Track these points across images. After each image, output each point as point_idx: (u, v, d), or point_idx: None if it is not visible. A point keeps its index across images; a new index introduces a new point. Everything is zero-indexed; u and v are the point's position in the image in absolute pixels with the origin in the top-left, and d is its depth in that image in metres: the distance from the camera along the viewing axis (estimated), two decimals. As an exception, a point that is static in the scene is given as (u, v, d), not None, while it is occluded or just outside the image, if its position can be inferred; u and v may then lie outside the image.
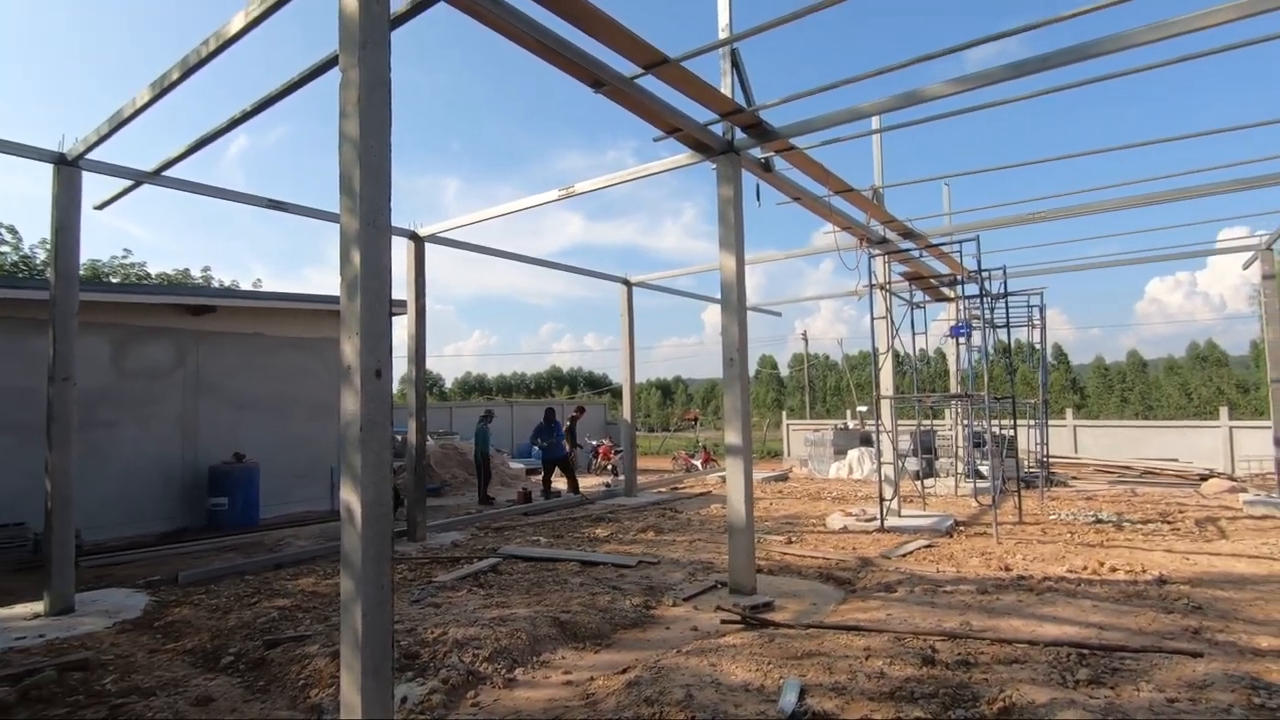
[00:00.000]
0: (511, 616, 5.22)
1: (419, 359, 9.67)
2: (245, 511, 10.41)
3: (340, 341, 3.28)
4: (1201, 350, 43.27)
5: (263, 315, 11.65)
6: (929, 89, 5.52)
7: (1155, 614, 5.19)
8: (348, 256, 3.23)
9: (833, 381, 52.19)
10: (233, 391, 11.14)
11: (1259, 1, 4.37)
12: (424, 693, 4.05)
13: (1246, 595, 5.73)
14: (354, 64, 3.29)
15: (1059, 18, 4.87)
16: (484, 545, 8.79)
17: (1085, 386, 46.91)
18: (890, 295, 10.54)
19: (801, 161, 7.33)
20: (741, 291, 6.43)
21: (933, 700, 3.69)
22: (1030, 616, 5.23)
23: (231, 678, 4.54)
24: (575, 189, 7.81)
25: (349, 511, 3.17)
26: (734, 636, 4.91)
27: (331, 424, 12.36)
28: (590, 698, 3.95)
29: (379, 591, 3.16)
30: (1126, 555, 7.30)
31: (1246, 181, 8.40)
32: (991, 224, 10.38)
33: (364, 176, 3.24)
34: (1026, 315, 12.58)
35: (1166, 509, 10.58)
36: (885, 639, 4.71)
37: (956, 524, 9.54)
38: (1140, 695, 3.63)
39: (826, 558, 7.58)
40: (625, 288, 13.76)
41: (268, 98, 5.55)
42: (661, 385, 71.47)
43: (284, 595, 6.46)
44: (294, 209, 8.15)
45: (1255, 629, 4.82)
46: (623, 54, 5.12)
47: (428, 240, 9.68)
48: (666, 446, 33.53)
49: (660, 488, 15.44)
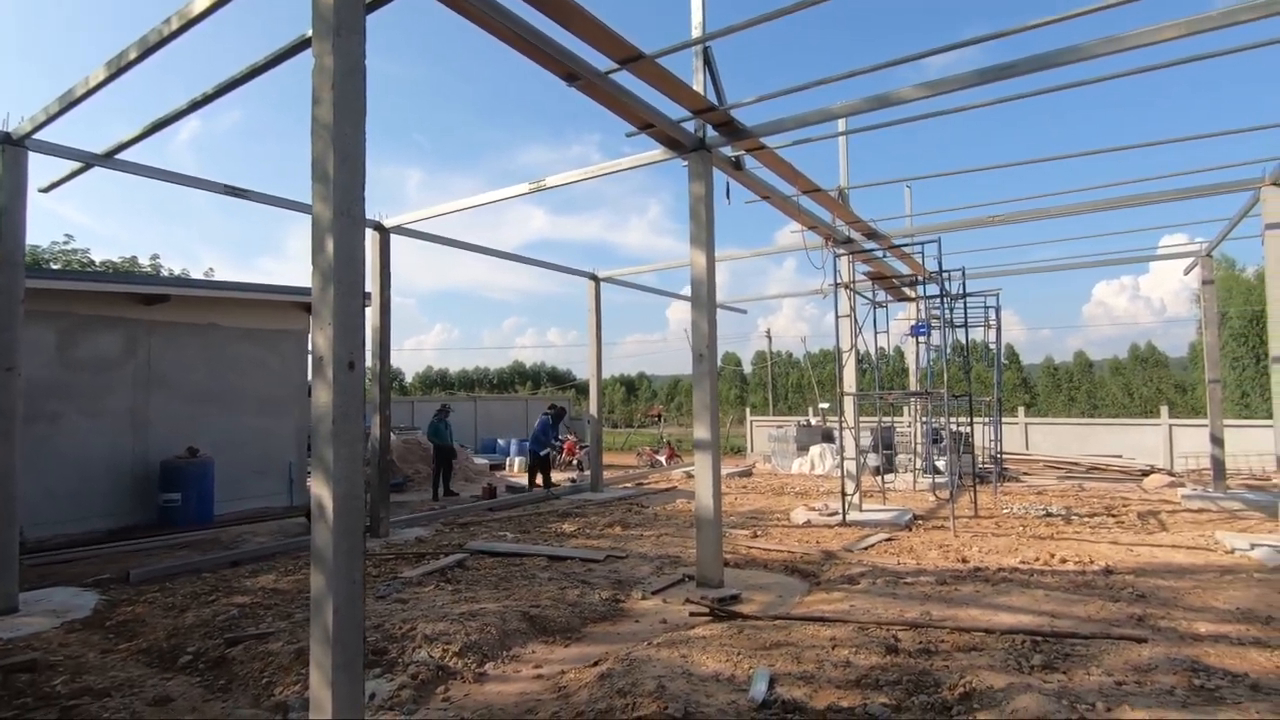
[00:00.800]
0: (481, 611, 5.20)
1: (384, 352, 9.52)
2: (199, 508, 10.10)
3: (312, 333, 3.21)
4: (1142, 352, 45.12)
5: (218, 305, 11.29)
6: (898, 92, 5.65)
7: (1103, 602, 5.43)
8: (321, 246, 3.17)
9: (795, 379, 52.89)
10: (186, 384, 10.78)
11: (1200, 21, 4.61)
12: (393, 688, 4.01)
13: (1185, 584, 6.04)
14: (328, 50, 3.23)
15: (1023, 28, 5.04)
16: (449, 541, 8.71)
17: (1035, 386, 48.48)
18: (854, 294, 10.76)
19: (771, 161, 7.42)
20: (712, 288, 6.49)
21: (897, 687, 3.81)
22: (987, 606, 5.42)
23: (190, 677, 4.42)
24: (546, 183, 7.77)
25: (320, 506, 3.11)
26: (703, 628, 4.98)
27: (289, 418, 12.07)
28: (562, 690, 3.97)
29: (351, 586, 3.11)
30: (1075, 547, 7.62)
31: (1188, 191, 8.81)
32: (951, 226, 10.66)
33: (338, 164, 3.18)
34: (983, 315, 12.95)
35: (1111, 503, 11.05)
36: (850, 629, 4.83)
37: (915, 518, 9.81)
38: (1090, 679, 3.80)
39: (791, 551, 7.72)
40: (593, 283, 13.74)
41: (230, 81, 5.39)
42: (626, 381, 71.42)
43: (244, 592, 6.30)
44: (255, 196, 7.93)
45: (1194, 615, 5.09)
46: (598, 48, 5.12)
47: (393, 231, 9.52)
48: (631, 442, 33.60)
49: (626, 483, 15.49)
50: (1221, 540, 7.79)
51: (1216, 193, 8.72)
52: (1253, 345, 26.41)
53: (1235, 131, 7.66)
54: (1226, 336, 27.32)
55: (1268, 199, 7.89)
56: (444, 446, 13.78)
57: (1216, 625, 4.85)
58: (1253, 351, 26.66)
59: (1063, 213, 9.75)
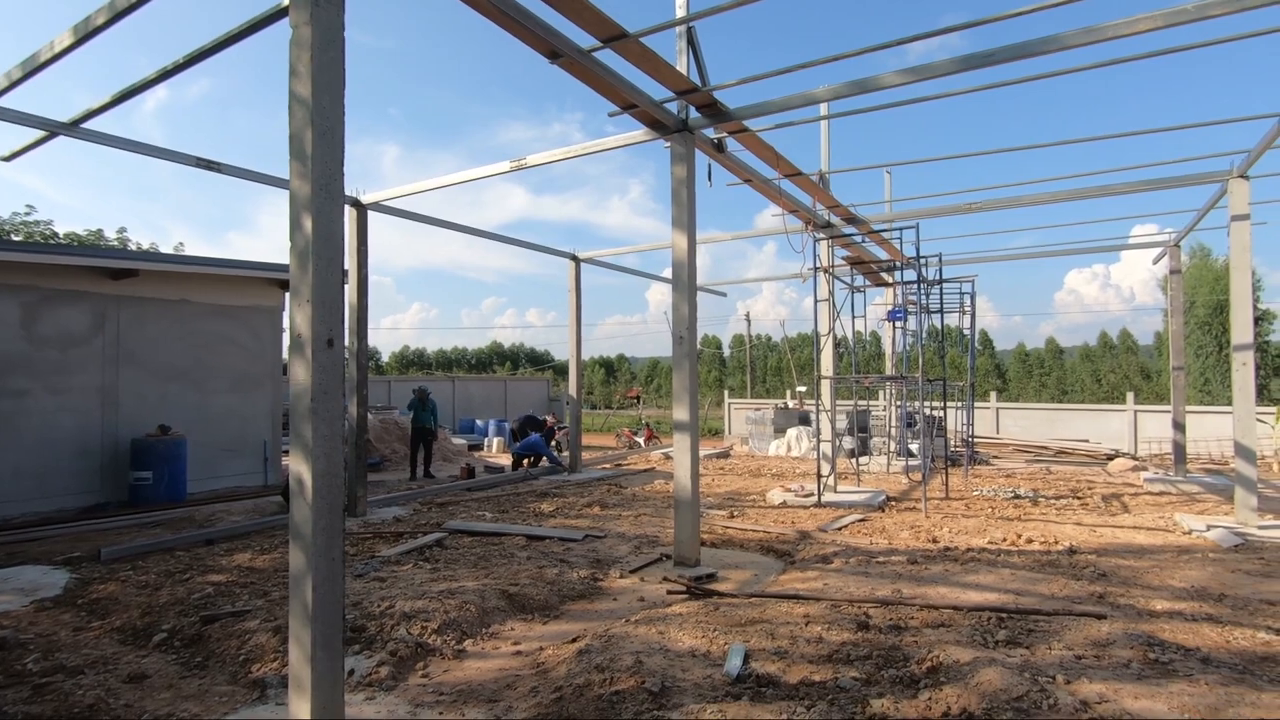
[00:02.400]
0: (460, 589, 5.23)
1: (361, 330, 9.41)
2: (171, 486, 9.98)
3: (290, 310, 3.18)
4: (1113, 340, 46.17)
5: (190, 281, 11.07)
6: (879, 77, 5.68)
7: (1066, 581, 5.62)
8: (299, 223, 3.13)
9: (773, 362, 53.32)
10: (157, 360, 10.58)
11: (1175, 14, 4.69)
12: (371, 665, 4.04)
13: (1145, 563, 6.26)
14: (306, 21, 3.16)
15: (1002, 15, 5.08)
16: (427, 520, 8.71)
17: (1008, 371, 49.45)
18: (833, 279, 10.85)
19: (753, 144, 7.42)
20: (692, 270, 6.51)
21: (867, 662, 3.92)
22: (956, 584, 5.57)
23: (165, 655, 4.40)
24: (528, 161, 7.70)
25: (299, 482, 3.10)
26: (680, 606, 5.06)
27: (263, 396, 11.92)
28: (541, 667, 4.02)
29: (330, 564, 3.12)
30: (1041, 528, 7.84)
31: (1158, 182, 8.99)
32: (929, 212, 10.78)
33: (316, 140, 3.13)
34: (958, 301, 13.15)
35: (1077, 486, 11.36)
36: (823, 607, 4.94)
37: (889, 499, 10.00)
38: (1052, 653, 3.95)
39: (767, 531, 7.84)
40: (573, 263, 13.68)
41: (203, 50, 5.24)
42: (605, 363, 71.45)
43: (219, 571, 6.26)
44: (228, 170, 7.75)
45: (1151, 593, 5.29)
46: (582, 26, 5.06)
47: (371, 208, 9.36)
48: (610, 424, 33.71)
49: (604, 464, 15.56)
50: (1180, 522, 8.07)
51: (1186, 184, 8.90)
52: (1217, 334, 27.16)
53: (1203, 125, 7.84)
54: (1192, 325, 28.04)
55: (1234, 191, 8.08)
56: (423, 429, 13.57)
57: (1172, 603, 5.05)
58: (1216, 340, 27.42)
59: (1038, 201, 9.90)
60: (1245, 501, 7.81)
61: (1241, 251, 7.97)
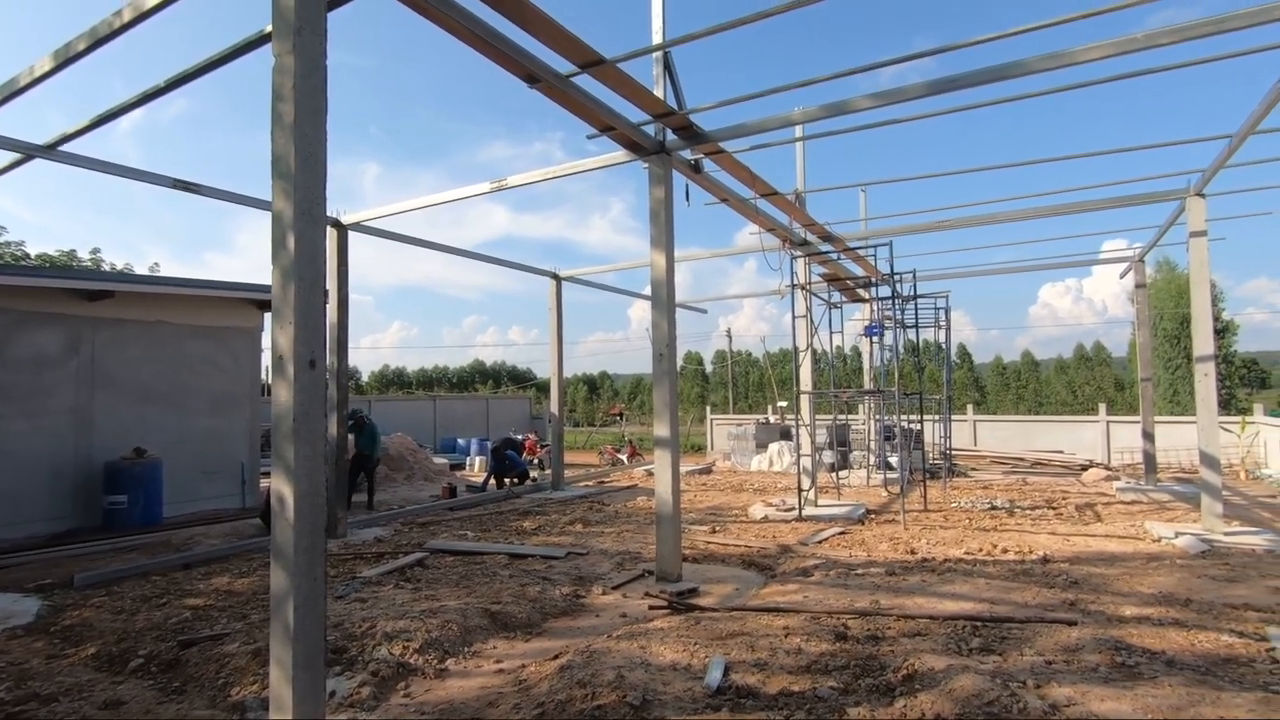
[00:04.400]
0: (442, 608, 5.22)
1: (341, 350, 9.39)
2: (147, 510, 9.81)
3: (272, 331, 3.22)
4: (1087, 351, 47.11)
5: (166, 302, 10.97)
6: (852, 101, 5.87)
7: (1039, 589, 5.74)
8: (282, 244, 3.18)
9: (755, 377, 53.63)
10: (133, 383, 10.45)
11: (1126, 43, 4.92)
12: (353, 686, 4.03)
13: (1115, 571, 6.41)
14: (288, 50, 3.23)
15: (970, 42, 5.29)
16: (409, 540, 8.66)
17: (985, 384, 50.19)
18: (810, 295, 11.03)
19: (730, 164, 7.59)
20: (671, 289, 6.62)
21: (845, 671, 3.99)
22: (932, 594, 5.67)
23: (142, 680, 4.35)
24: (508, 182, 7.80)
25: (281, 503, 3.13)
26: (662, 621, 5.10)
27: (242, 418, 11.80)
28: (523, 684, 4.04)
29: (312, 583, 3.14)
30: (1016, 538, 7.99)
31: (1124, 199, 9.30)
32: (903, 230, 11.02)
33: (299, 163, 3.20)
34: (934, 316, 13.41)
35: (1052, 496, 11.57)
36: (803, 619, 5.01)
37: (868, 512, 10.12)
38: (1024, 659, 4.05)
39: (749, 546, 7.91)
40: (554, 282, 13.76)
41: (184, 74, 5.29)
42: (588, 380, 71.42)
43: (196, 595, 6.19)
44: (206, 191, 7.76)
45: (1121, 600, 5.42)
46: (559, 52, 5.19)
47: (351, 229, 9.40)
48: (592, 441, 33.64)
49: (587, 481, 15.55)
50: (1150, 529, 8.26)
51: (1149, 201, 9.22)
52: (1184, 346, 27.82)
53: (1165, 145, 8.12)
54: (1160, 338, 28.73)
55: (1191, 209, 8.38)
56: (362, 456, 12.07)
57: (1140, 608, 5.18)
58: (1184, 352, 28.08)
59: (1010, 218, 10.17)
60: (1211, 509, 8.02)
61: (1200, 267, 8.25)
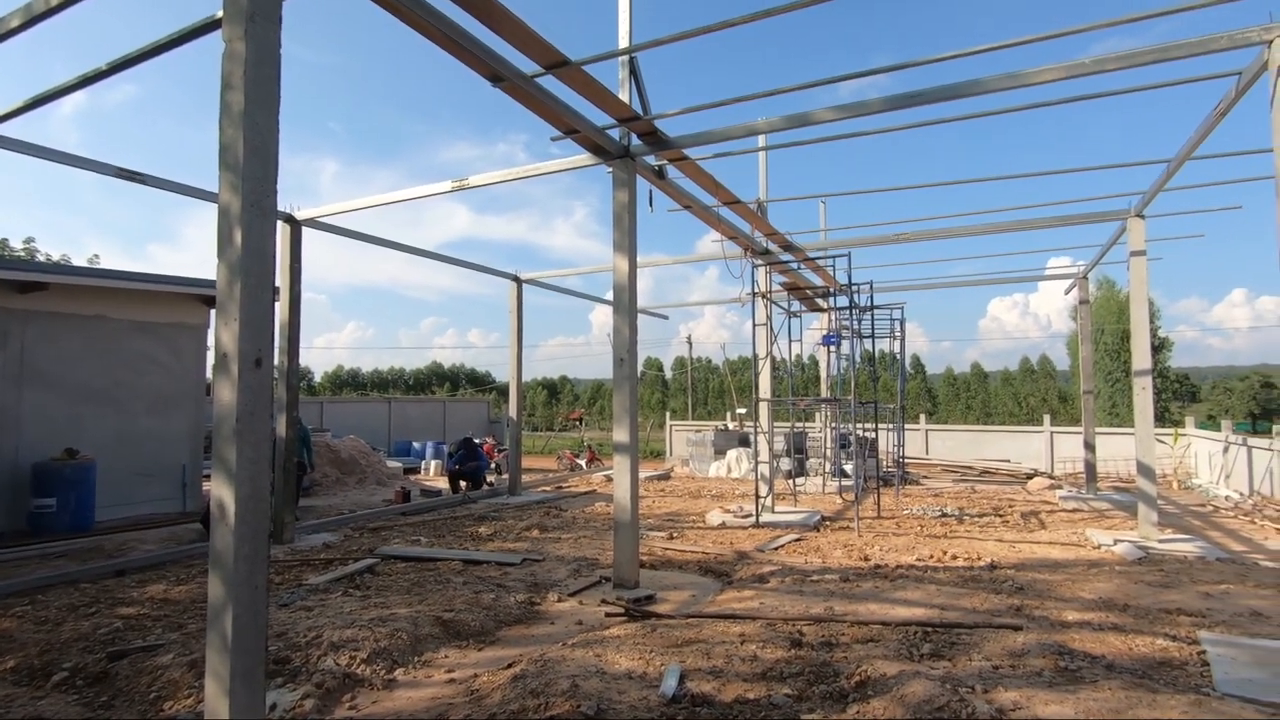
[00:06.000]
0: (391, 617, 5.08)
1: (292, 350, 9.10)
2: (78, 514, 9.33)
3: (216, 328, 3.08)
4: (1032, 364, 48.82)
5: (106, 296, 10.48)
6: (814, 113, 5.95)
7: (987, 595, 5.88)
8: (229, 238, 3.05)
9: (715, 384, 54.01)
10: (68, 380, 9.94)
11: (1075, 67, 5.11)
12: (295, 698, 3.88)
13: (1058, 577, 6.61)
14: (240, 36, 3.11)
15: (926, 60, 5.42)
16: (359, 546, 8.42)
17: (937, 394, 51.56)
18: (771, 304, 11.15)
19: (693, 171, 7.62)
20: (633, 294, 6.60)
21: (799, 678, 4.01)
22: (885, 600, 5.76)
23: (66, 695, 4.11)
24: (470, 182, 7.68)
25: (221, 508, 2.99)
26: (618, 628, 5.05)
27: (183, 417, 11.34)
28: (475, 694, 3.94)
29: (253, 592, 3.00)
30: (966, 545, 8.18)
31: (1069, 218, 9.66)
32: (861, 242, 11.24)
33: (249, 155, 3.08)
34: (889, 327, 13.71)
35: (999, 504, 11.91)
36: (759, 625, 5.02)
37: (824, 519, 10.25)
38: (972, 664, 4.13)
39: (706, 552, 7.92)
40: (516, 284, 13.62)
41: (128, 57, 5.05)
42: (548, 384, 70.93)
43: (129, 604, 5.89)
44: (152, 181, 7.44)
45: (1064, 605, 5.59)
46: (525, 52, 5.13)
47: (305, 224, 9.13)
48: (552, 446, 33.38)
49: (545, 486, 15.39)
50: (1090, 537, 8.56)
51: (1093, 221, 9.60)
52: (1124, 360, 29.09)
53: (1110, 167, 8.45)
54: (1101, 352, 29.95)
55: (1132, 229, 8.75)
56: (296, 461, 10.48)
57: (1082, 613, 5.35)
58: (1123, 366, 29.36)
59: (962, 233, 10.47)
60: (1147, 517, 8.35)
61: (1139, 284, 8.62)
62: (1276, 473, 11.43)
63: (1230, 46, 4.77)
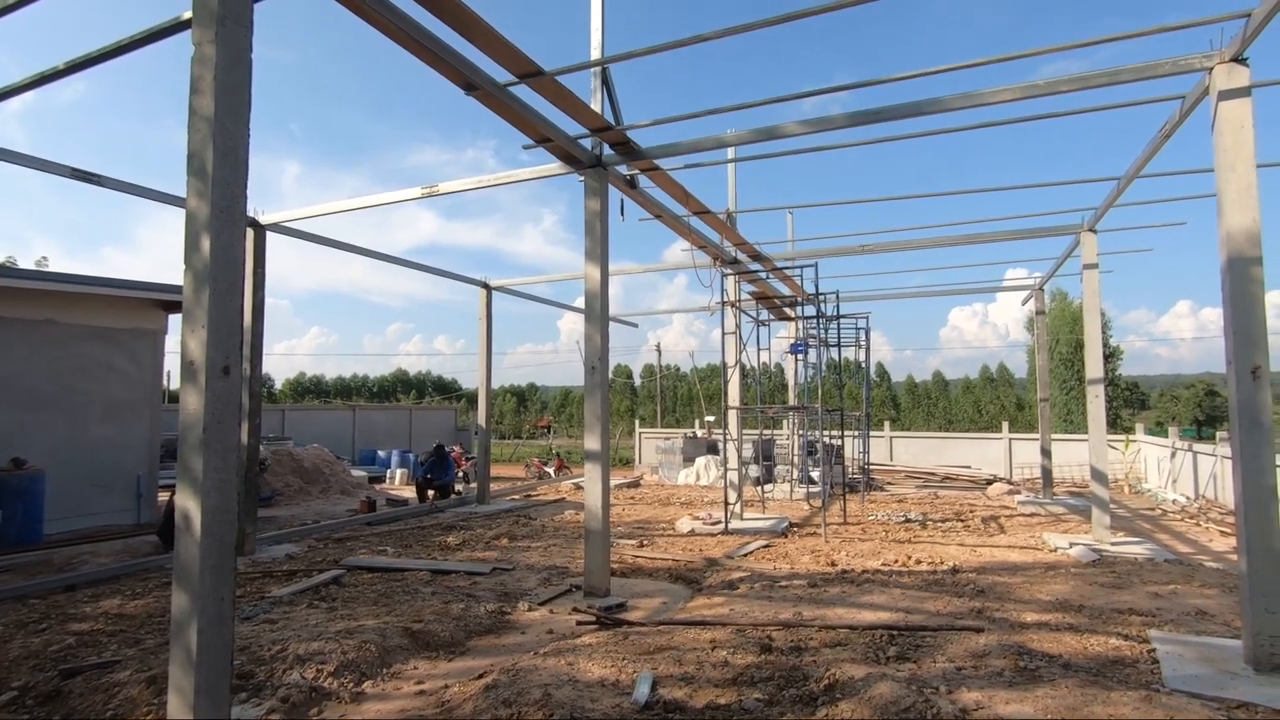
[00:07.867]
0: (359, 629, 5.00)
1: (255, 357, 8.91)
2: (25, 526, 8.95)
3: (182, 335, 3.03)
4: (991, 373, 50.14)
5: (56, 300, 10.12)
6: (782, 127, 6.08)
7: (950, 598, 6.03)
8: (196, 244, 3.01)
9: (684, 392, 54.27)
10: (15, 387, 9.56)
11: (1029, 88, 5.33)
12: (260, 713, 3.80)
13: (1017, 579, 6.81)
14: (210, 39, 3.08)
15: (890, 78, 5.59)
16: (324, 557, 8.26)
17: (900, 402, 52.58)
18: (740, 312, 11.29)
19: (664, 181, 7.70)
20: (605, 302, 6.63)
21: (769, 683, 4.06)
22: (852, 605, 5.86)
23: (16, 715, 3.95)
24: (439, 188, 7.64)
25: (186, 519, 2.93)
26: (590, 636, 5.05)
27: (139, 426, 10.99)
28: (445, 705, 3.91)
29: (219, 604, 2.95)
30: (929, 549, 8.37)
31: (1026, 232, 10.01)
32: (828, 252, 11.47)
33: (218, 160, 3.04)
34: (855, 336, 13.96)
35: (961, 509, 12.20)
36: (729, 631, 5.07)
37: (791, 525, 10.38)
38: (936, 666, 4.24)
39: (676, 559, 7.95)
40: (485, 291, 13.53)
41: (89, 56, 4.94)
42: (516, 391, 70.40)
43: (82, 619, 5.68)
44: (108, 182, 7.25)
45: (1023, 607, 5.76)
46: (499, 61, 5.15)
47: (270, 229, 8.97)
48: (520, 454, 33.14)
49: (514, 495, 15.28)
50: (1047, 540, 8.83)
51: (1048, 235, 9.95)
52: (1078, 369, 30.07)
53: (1064, 183, 8.80)
54: (1056, 361, 30.92)
55: (1085, 243, 9.10)
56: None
57: (1040, 614, 5.52)
58: (1076, 374, 30.35)
59: (925, 245, 10.74)
60: (1100, 521, 8.65)
61: (1092, 296, 8.95)
62: (1220, 477, 11.94)
63: (1174, 72, 5.02)
